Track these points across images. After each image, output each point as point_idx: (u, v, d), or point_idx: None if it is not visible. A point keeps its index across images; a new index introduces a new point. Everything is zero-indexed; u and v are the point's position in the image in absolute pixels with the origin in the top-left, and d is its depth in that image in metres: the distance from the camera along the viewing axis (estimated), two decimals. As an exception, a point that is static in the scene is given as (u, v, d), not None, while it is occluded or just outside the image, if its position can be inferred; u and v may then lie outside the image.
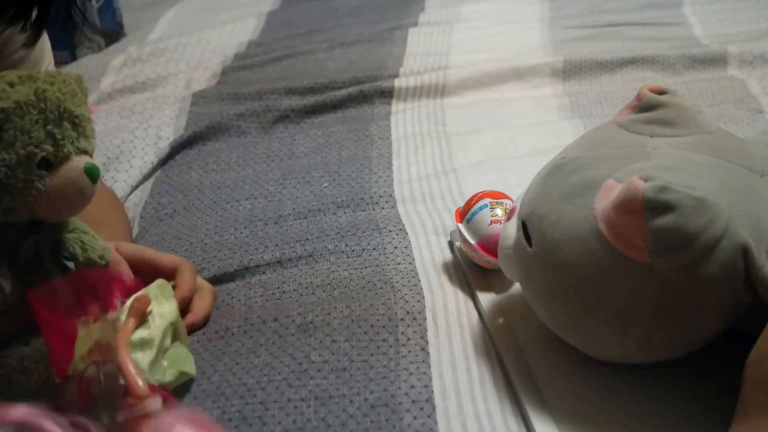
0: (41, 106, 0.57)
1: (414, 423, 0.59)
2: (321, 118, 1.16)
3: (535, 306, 0.63)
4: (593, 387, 0.61)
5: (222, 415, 0.60)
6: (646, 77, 1.20)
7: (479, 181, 0.92)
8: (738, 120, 1.05)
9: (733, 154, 0.61)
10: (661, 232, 0.52)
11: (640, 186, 0.52)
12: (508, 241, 0.65)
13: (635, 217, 0.53)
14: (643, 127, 0.64)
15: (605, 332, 0.57)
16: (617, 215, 0.54)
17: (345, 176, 0.97)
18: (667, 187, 0.52)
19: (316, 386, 0.63)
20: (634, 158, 0.60)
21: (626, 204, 0.53)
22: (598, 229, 0.55)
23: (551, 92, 1.19)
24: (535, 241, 0.60)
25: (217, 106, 1.18)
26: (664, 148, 0.62)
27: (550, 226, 0.59)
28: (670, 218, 0.52)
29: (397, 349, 0.67)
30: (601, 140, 0.65)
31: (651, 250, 0.53)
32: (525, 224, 0.62)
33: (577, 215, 0.57)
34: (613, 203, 0.55)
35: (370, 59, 1.33)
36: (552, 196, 0.61)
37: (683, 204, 0.52)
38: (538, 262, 0.60)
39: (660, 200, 0.52)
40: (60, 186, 0.58)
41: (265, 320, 0.72)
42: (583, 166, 0.61)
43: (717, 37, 1.31)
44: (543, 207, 0.60)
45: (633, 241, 0.53)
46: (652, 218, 0.52)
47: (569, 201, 0.59)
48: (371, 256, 0.80)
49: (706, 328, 0.57)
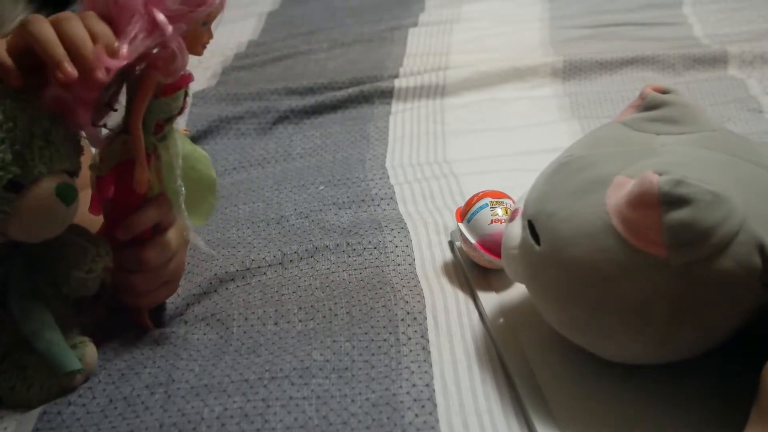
0: (9, 125, 0.55)
1: (415, 421, 0.59)
2: (320, 119, 1.16)
3: (545, 307, 0.62)
4: (594, 385, 0.61)
5: (224, 412, 0.60)
6: (646, 77, 1.20)
7: (479, 180, 0.93)
8: (738, 120, 1.05)
9: (740, 150, 0.61)
10: (678, 226, 0.52)
11: (655, 180, 0.52)
12: (512, 241, 0.64)
13: (651, 211, 0.52)
14: (648, 126, 0.64)
15: (622, 330, 0.56)
16: (632, 210, 0.53)
17: (344, 178, 0.97)
18: (682, 181, 0.52)
19: (318, 386, 0.63)
20: (643, 155, 0.60)
21: (641, 198, 0.53)
22: (612, 224, 0.55)
23: (551, 92, 1.19)
24: (544, 239, 0.59)
25: (216, 107, 1.19)
26: (672, 145, 0.61)
27: (560, 223, 0.58)
28: (687, 212, 0.51)
29: (398, 348, 0.67)
30: (606, 139, 0.65)
31: (667, 244, 0.52)
32: (532, 223, 0.61)
33: (588, 211, 0.57)
34: (627, 198, 0.54)
35: (370, 59, 1.33)
36: (560, 194, 0.60)
37: (699, 198, 0.52)
38: (548, 260, 0.59)
39: (676, 194, 0.51)
40: (30, 208, 0.56)
41: (265, 322, 0.72)
42: (590, 164, 0.61)
43: (717, 37, 1.31)
44: (551, 204, 0.60)
45: (649, 235, 0.53)
46: (668, 212, 0.51)
47: (578, 198, 0.58)
48: (372, 255, 0.80)
49: (724, 325, 0.56)
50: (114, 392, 0.64)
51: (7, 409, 0.64)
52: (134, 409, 0.62)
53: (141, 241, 0.67)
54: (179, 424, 0.59)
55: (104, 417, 0.61)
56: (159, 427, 0.60)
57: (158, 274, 0.70)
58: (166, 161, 0.65)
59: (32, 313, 0.61)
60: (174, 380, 0.64)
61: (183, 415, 0.60)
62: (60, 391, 0.64)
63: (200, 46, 0.62)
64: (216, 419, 0.60)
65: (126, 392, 0.64)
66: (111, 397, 0.63)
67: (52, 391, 0.64)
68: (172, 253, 0.70)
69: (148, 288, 0.70)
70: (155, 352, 0.69)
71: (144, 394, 0.63)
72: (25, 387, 0.63)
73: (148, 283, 0.70)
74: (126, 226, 0.66)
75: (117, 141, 0.63)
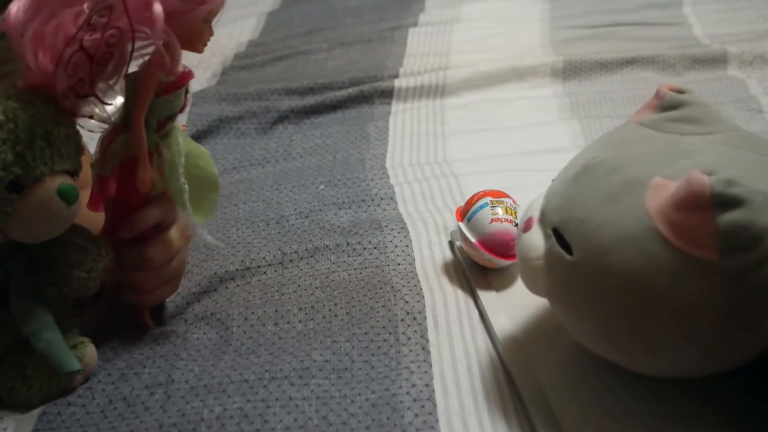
0: (10, 126, 0.55)
1: (415, 421, 0.59)
2: (320, 119, 1.16)
3: (576, 321, 0.59)
4: (595, 383, 0.61)
5: (223, 412, 0.60)
6: (646, 77, 1.20)
7: (479, 180, 0.92)
8: (738, 120, 1.05)
9: (766, 149, 0.58)
10: (732, 228, 0.49)
11: (705, 180, 0.49)
12: (534, 252, 0.60)
13: (702, 213, 0.50)
14: (670, 126, 0.61)
15: (666, 340, 0.53)
16: (680, 212, 0.51)
17: (344, 178, 0.97)
18: (734, 181, 0.49)
19: (317, 386, 0.63)
20: (674, 156, 0.57)
21: (691, 200, 0.50)
22: (656, 228, 0.52)
23: (551, 92, 1.19)
24: (578, 248, 0.56)
25: (216, 107, 1.18)
26: (702, 145, 0.58)
27: (596, 230, 0.55)
28: (741, 213, 0.49)
29: (398, 348, 0.67)
30: (628, 140, 0.62)
31: (720, 247, 0.50)
32: (558, 231, 0.58)
33: (628, 216, 0.54)
34: (674, 200, 0.51)
35: (370, 59, 1.33)
36: (590, 199, 0.57)
37: (752, 198, 0.49)
38: (584, 269, 0.55)
39: (729, 194, 0.49)
40: (31, 209, 0.56)
41: (265, 322, 0.72)
42: (619, 166, 0.57)
43: (717, 37, 1.31)
44: (581, 210, 0.57)
45: (699, 238, 0.50)
46: (722, 213, 0.49)
47: (613, 202, 0.55)
48: (372, 255, 0.80)
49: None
50: (113, 392, 0.64)
51: (7, 409, 0.64)
52: (134, 410, 0.62)
53: (143, 239, 0.67)
54: (179, 425, 0.59)
55: (104, 417, 0.61)
56: (158, 427, 0.60)
57: (161, 272, 0.70)
58: (169, 159, 0.65)
59: (32, 314, 0.61)
60: (173, 380, 0.64)
61: (182, 415, 0.60)
62: (60, 391, 0.64)
63: (201, 44, 0.61)
64: (215, 420, 0.60)
65: (125, 392, 0.64)
66: (110, 398, 0.63)
67: (52, 391, 0.64)
68: (175, 252, 0.70)
69: (150, 286, 0.70)
70: (155, 352, 0.69)
71: (143, 394, 0.63)
72: (25, 387, 0.63)
73: (150, 281, 0.70)
74: (130, 224, 0.66)
75: (119, 140, 0.63)
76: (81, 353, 0.64)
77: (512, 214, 0.75)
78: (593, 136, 1.04)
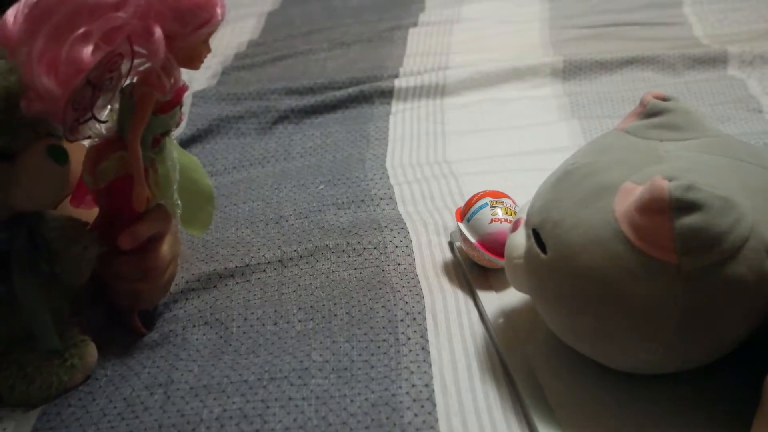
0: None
1: (415, 420, 0.59)
2: (320, 119, 1.16)
3: (551, 317, 0.62)
4: (594, 384, 0.61)
5: (223, 412, 0.60)
6: (646, 77, 1.20)
7: (479, 180, 0.93)
8: (738, 120, 1.05)
9: (744, 154, 0.60)
10: (689, 231, 0.51)
11: (665, 185, 0.51)
12: (517, 251, 0.63)
13: (661, 216, 0.52)
14: (651, 132, 0.63)
15: (630, 338, 0.56)
16: (642, 216, 0.53)
17: (344, 178, 0.97)
18: (693, 186, 0.51)
19: (317, 386, 0.63)
20: (648, 162, 0.59)
21: (652, 204, 0.52)
22: (621, 231, 0.54)
23: (551, 92, 1.19)
24: (551, 248, 0.59)
25: (216, 106, 1.19)
26: (677, 151, 0.61)
27: (567, 231, 0.57)
28: (698, 217, 0.51)
29: (397, 348, 0.67)
30: (611, 146, 0.64)
31: (678, 249, 0.52)
32: (537, 232, 0.61)
33: (596, 218, 0.56)
34: (636, 204, 0.53)
35: (370, 59, 1.33)
36: (565, 202, 0.60)
37: (710, 203, 0.51)
38: (555, 268, 0.58)
39: (687, 199, 0.51)
40: (26, 173, 0.57)
41: (265, 322, 0.72)
42: (595, 171, 0.60)
43: (717, 37, 1.31)
44: (556, 212, 0.59)
45: (659, 241, 0.52)
46: (679, 217, 0.51)
47: (585, 205, 0.58)
48: (372, 255, 0.80)
49: (734, 332, 0.55)
50: (113, 393, 0.64)
51: (7, 408, 0.64)
52: (133, 410, 0.62)
53: (140, 249, 0.67)
54: (178, 425, 0.59)
55: (103, 417, 0.61)
56: (158, 427, 0.60)
57: (158, 280, 0.70)
58: (164, 174, 0.65)
59: (28, 286, 0.61)
60: (173, 381, 0.64)
61: (182, 416, 0.60)
62: (60, 390, 0.64)
63: (199, 62, 0.62)
64: (215, 420, 0.60)
65: (125, 393, 0.64)
66: (110, 398, 0.63)
67: (52, 390, 0.64)
68: (170, 260, 0.71)
69: (146, 293, 0.71)
70: (154, 352, 0.69)
71: (143, 394, 0.63)
72: (25, 385, 0.63)
73: (148, 289, 0.71)
74: (131, 235, 0.66)
75: (113, 158, 0.63)
76: (81, 352, 0.64)
77: (512, 214, 0.75)
78: (593, 136, 1.04)
